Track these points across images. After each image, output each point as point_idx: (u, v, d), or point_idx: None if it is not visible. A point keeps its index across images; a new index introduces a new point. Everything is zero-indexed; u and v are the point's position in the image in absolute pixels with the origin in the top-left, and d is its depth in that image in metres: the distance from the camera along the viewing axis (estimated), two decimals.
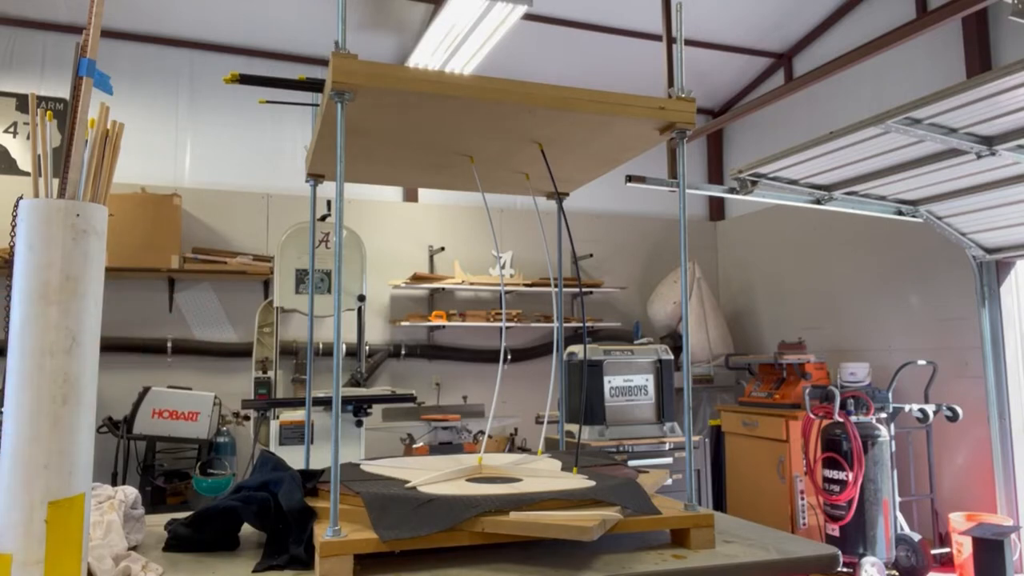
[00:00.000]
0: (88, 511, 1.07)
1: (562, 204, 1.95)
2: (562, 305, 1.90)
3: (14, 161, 4.90)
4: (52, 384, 1.02)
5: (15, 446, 1.00)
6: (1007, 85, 2.70)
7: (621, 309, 6.38)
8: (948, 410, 4.26)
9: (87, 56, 1.11)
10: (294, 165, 5.49)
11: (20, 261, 1.04)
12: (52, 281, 1.03)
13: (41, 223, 1.04)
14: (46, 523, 0.99)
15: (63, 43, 5.04)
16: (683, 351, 1.45)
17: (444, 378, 5.74)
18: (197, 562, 1.28)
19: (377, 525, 1.17)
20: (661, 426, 4.26)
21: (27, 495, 0.99)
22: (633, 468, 1.66)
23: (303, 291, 4.38)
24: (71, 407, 1.03)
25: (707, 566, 1.25)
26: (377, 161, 1.74)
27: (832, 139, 3.31)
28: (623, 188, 4.00)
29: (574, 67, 5.83)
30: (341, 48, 1.27)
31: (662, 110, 1.45)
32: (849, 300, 5.44)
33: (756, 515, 4.81)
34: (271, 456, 1.52)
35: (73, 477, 1.03)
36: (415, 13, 5.13)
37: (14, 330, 1.03)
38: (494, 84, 1.36)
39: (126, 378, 4.72)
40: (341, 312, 1.27)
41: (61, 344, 1.03)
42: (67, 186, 1.07)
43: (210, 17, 5.17)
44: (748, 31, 5.68)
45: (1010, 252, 4.23)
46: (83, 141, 1.11)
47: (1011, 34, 4.35)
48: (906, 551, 4.17)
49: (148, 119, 5.23)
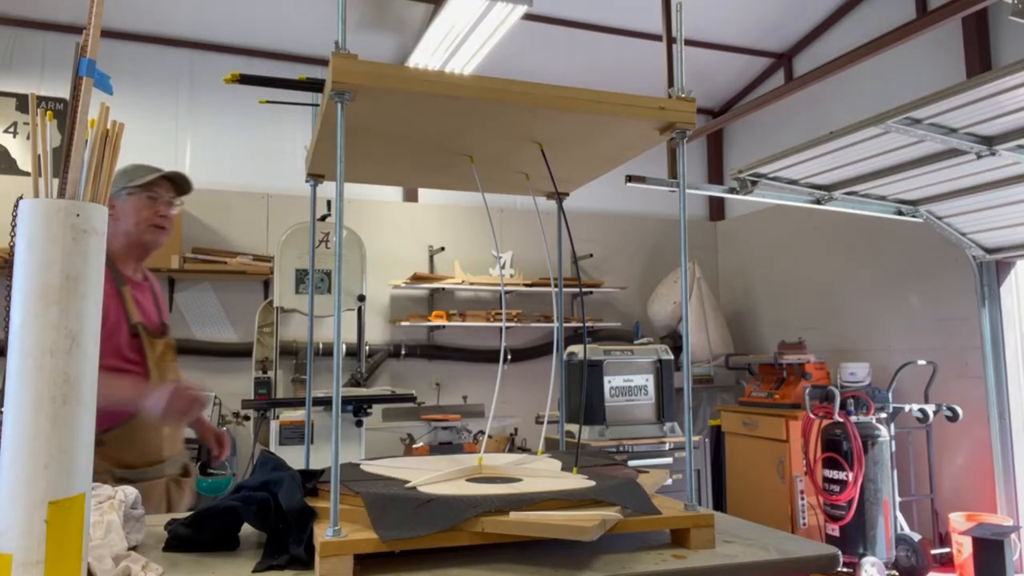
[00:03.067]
0: (88, 511, 1.07)
1: (562, 204, 1.95)
2: (562, 305, 1.90)
3: (14, 161, 4.90)
4: (52, 384, 1.02)
5: (15, 446, 1.00)
6: (1007, 85, 2.70)
7: (621, 309, 6.38)
8: (948, 410, 4.26)
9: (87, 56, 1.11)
10: (294, 165, 5.49)
11: (20, 261, 1.04)
12: (52, 281, 1.03)
13: (41, 223, 1.04)
14: (46, 523, 0.99)
15: (63, 43, 5.04)
16: (683, 351, 1.45)
17: (444, 378, 5.74)
18: (197, 562, 1.28)
19: (377, 525, 1.17)
20: (661, 426, 4.26)
21: (27, 495, 0.99)
22: (633, 468, 1.66)
23: (303, 291, 4.38)
24: (71, 407, 1.03)
25: (707, 566, 1.25)
26: (377, 161, 1.74)
27: (832, 139, 3.31)
28: (623, 188, 4.00)
29: (574, 67, 5.83)
30: (341, 48, 1.27)
31: (662, 110, 1.45)
32: (849, 300, 5.44)
33: (756, 515, 4.81)
34: (271, 456, 1.51)
35: (73, 477, 1.03)
36: (415, 13, 5.13)
37: (14, 330, 1.03)
38: (494, 84, 1.36)
39: None
40: (341, 312, 1.27)
41: (61, 344, 1.02)
42: (67, 186, 1.07)
43: (210, 17, 5.17)
44: (748, 31, 5.68)
45: (1010, 252, 4.23)
46: (83, 141, 1.10)
47: (1011, 34, 4.35)
48: (906, 551, 4.17)
49: (148, 119, 5.23)
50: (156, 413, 1.87)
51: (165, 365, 2.13)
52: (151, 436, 2.06)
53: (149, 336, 2.09)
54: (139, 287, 2.18)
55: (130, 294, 2.10)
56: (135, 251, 2.15)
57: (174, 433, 2.18)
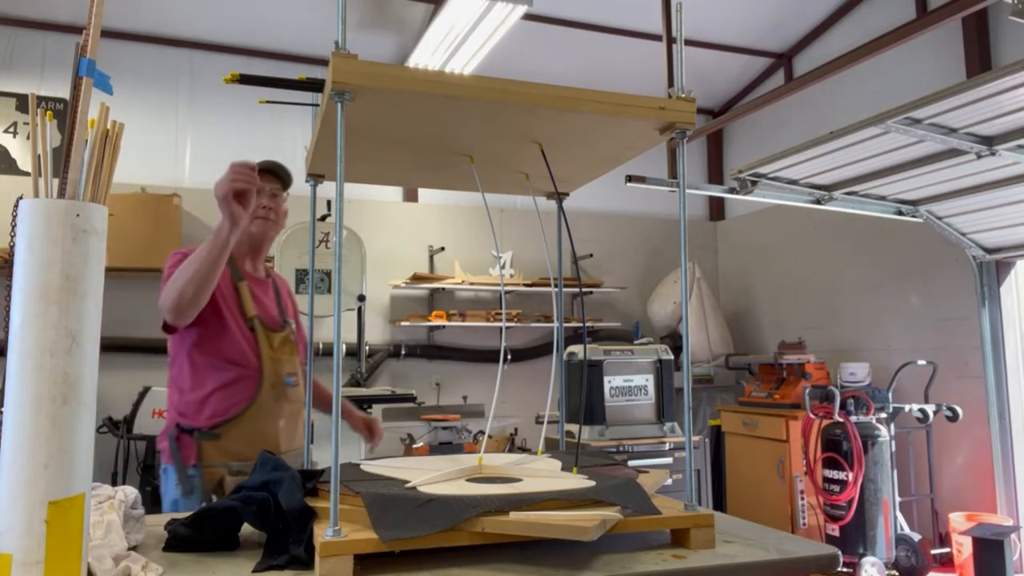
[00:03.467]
0: (88, 511, 1.07)
1: (562, 204, 1.95)
2: (562, 305, 1.90)
3: (14, 161, 4.90)
4: (52, 384, 1.02)
5: (15, 446, 1.00)
6: (1007, 85, 2.70)
7: (621, 309, 6.38)
8: (948, 410, 4.26)
9: (87, 56, 1.11)
10: (294, 165, 5.47)
11: (20, 261, 1.04)
12: (52, 281, 1.03)
13: (41, 223, 1.04)
14: (46, 523, 0.99)
15: (63, 43, 5.04)
16: (683, 351, 1.45)
17: (444, 378, 5.74)
18: (197, 562, 1.28)
19: (377, 525, 1.17)
20: (661, 426, 4.26)
21: (27, 495, 0.99)
22: (633, 468, 1.66)
23: (303, 291, 4.38)
24: (71, 407, 1.03)
25: (707, 566, 1.25)
26: (377, 161, 1.74)
27: (832, 139, 3.31)
28: (623, 188, 4.00)
29: (574, 67, 5.83)
30: (341, 48, 1.27)
31: (662, 110, 1.44)
32: (849, 300, 5.44)
33: (756, 515, 4.80)
34: (271, 456, 1.51)
35: (73, 477, 1.03)
36: (415, 13, 5.12)
37: (14, 330, 1.03)
38: (494, 84, 1.35)
39: (126, 378, 4.72)
40: (341, 312, 1.27)
41: (61, 344, 1.02)
42: (67, 186, 1.07)
43: (210, 17, 5.17)
44: (748, 31, 5.68)
45: (1010, 252, 4.23)
46: (83, 141, 1.10)
47: (1011, 34, 4.34)
48: (906, 551, 4.17)
49: (148, 119, 5.23)
50: (219, 197, 1.92)
51: (281, 357, 2.15)
52: (267, 429, 2.06)
53: (265, 329, 2.12)
54: (260, 284, 2.23)
55: (248, 289, 2.14)
56: (245, 245, 2.19)
57: (291, 426, 2.15)
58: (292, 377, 2.17)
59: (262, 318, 2.14)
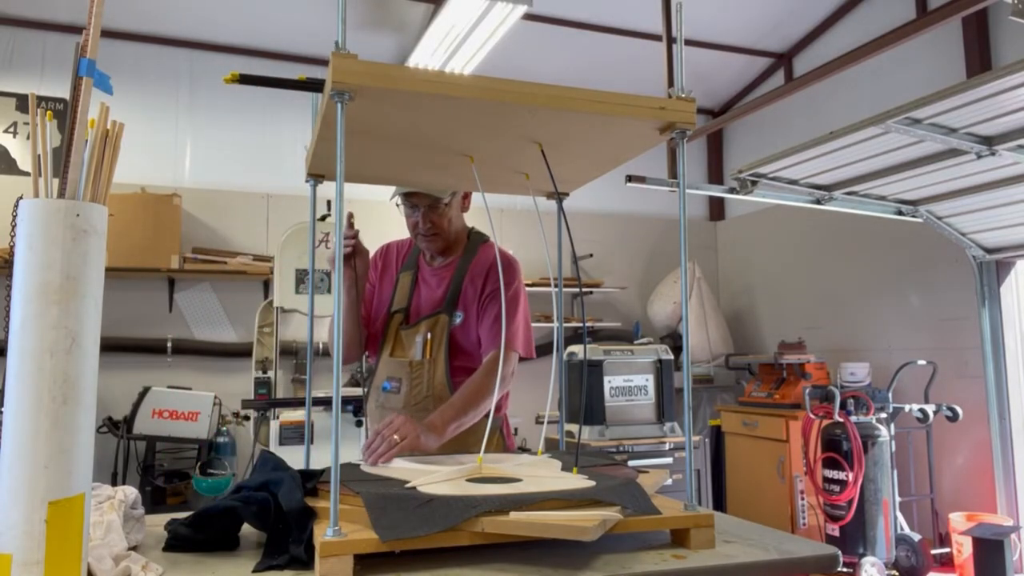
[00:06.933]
0: (88, 511, 1.07)
1: (562, 204, 1.95)
2: (562, 305, 1.90)
3: (14, 161, 4.90)
4: (52, 384, 1.02)
5: (15, 446, 1.00)
6: (1007, 85, 2.70)
7: (621, 309, 6.38)
8: (948, 410, 4.26)
9: (87, 56, 1.11)
10: (294, 165, 5.49)
11: (20, 261, 1.04)
12: (52, 281, 1.03)
13: (41, 223, 1.04)
14: (46, 523, 0.99)
15: (63, 43, 5.04)
16: (683, 351, 1.45)
17: None
18: (197, 562, 1.28)
19: (377, 525, 1.17)
20: (661, 426, 4.27)
21: (27, 495, 0.99)
22: (633, 468, 1.66)
23: (303, 291, 4.38)
24: (71, 407, 1.03)
25: (707, 566, 1.24)
26: (377, 161, 1.74)
27: (832, 139, 3.31)
28: (623, 188, 4.00)
29: (574, 67, 5.83)
30: (341, 48, 1.27)
31: (662, 110, 1.44)
32: (849, 300, 5.43)
33: (756, 515, 4.80)
34: (271, 456, 1.51)
35: (73, 477, 1.03)
36: (415, 13, 5.12)
37: (14, 330, 1.03)
38: (494, 84, 1.35)
39: (126, 378, 4.72)
40: (341, 312, 1.26)
41: (61, 344, 1.02)
42: (67, 186, 1.07)
43: (210, 17, 5.17)
44: (748, 31, 5.68)
45: (1010, 252, 4.23)
46: (83, 141, 1.10)
47: (1011, 34, 4.34)
48: (906, 551, 4.17)
49: (148, 119, 5.23)
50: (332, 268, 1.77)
51: (406, 341, 2.11)
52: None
53: (398, 326, 2.13)
54: (436, 273, 2.17)
55: (409, 280, 2.17)
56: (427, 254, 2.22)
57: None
58: (392, 382, 2.07)
59: (408, 309, 2.11)
